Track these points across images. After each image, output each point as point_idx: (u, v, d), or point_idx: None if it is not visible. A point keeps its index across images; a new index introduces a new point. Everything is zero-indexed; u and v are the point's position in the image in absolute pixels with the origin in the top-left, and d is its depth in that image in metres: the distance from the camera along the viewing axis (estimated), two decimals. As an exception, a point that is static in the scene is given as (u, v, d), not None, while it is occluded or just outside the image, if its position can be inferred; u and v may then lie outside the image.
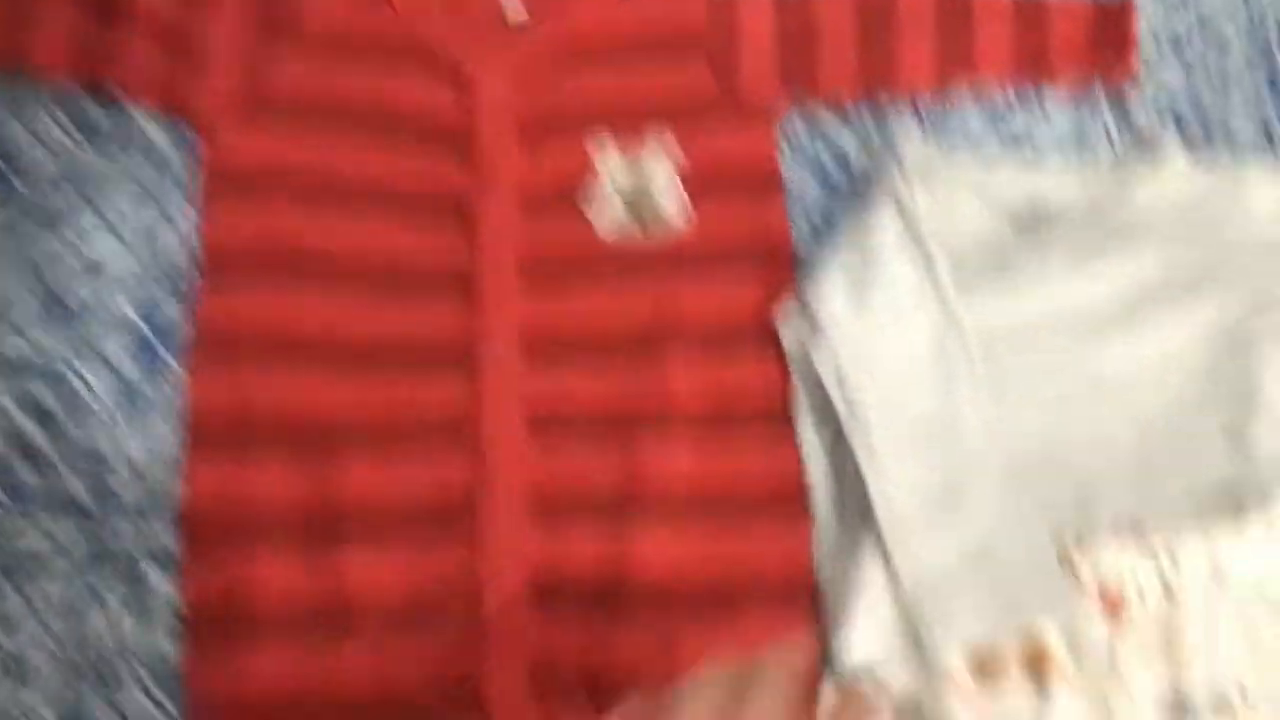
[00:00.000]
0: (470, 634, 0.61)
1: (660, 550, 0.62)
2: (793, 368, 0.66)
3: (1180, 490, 0.62)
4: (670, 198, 0.69)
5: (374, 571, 0.62)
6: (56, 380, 0.66)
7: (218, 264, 0.67)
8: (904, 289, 0.65)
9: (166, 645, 0.62)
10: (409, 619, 0.61)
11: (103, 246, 0.68)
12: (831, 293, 0.64)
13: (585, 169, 0.70)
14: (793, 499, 0.64)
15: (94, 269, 0.68)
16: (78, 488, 0.64)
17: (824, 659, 0.59)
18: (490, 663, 0.60)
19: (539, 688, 0.60)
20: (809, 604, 0.62)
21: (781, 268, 0.69)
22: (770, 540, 0.63)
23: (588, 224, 0.69)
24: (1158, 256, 0.68)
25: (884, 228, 0.66)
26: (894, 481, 0.60)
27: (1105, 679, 0.56)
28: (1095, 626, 0.57)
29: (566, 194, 0.69)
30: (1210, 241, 0.68)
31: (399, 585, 0.62)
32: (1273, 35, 0.76)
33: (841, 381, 0.63)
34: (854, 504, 0.63)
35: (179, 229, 0.68)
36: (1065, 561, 0.59)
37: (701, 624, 0.61)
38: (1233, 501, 0.61)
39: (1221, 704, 0.56)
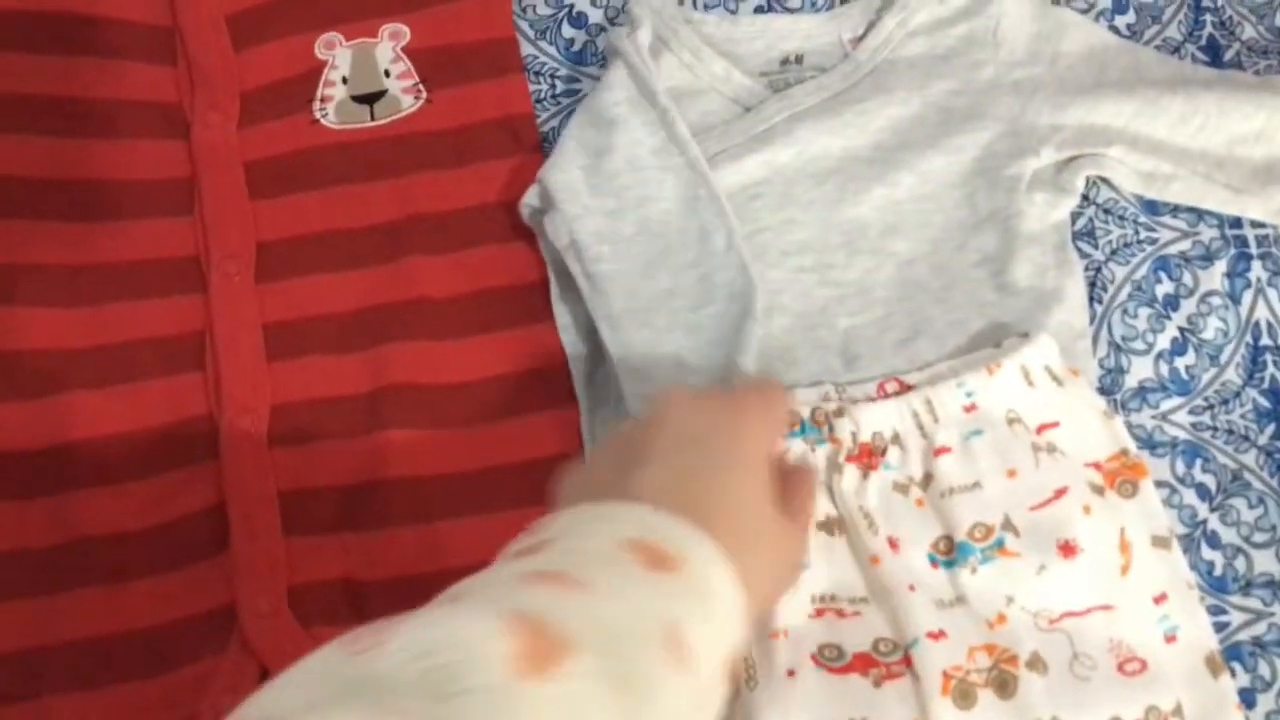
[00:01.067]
0: (222, 564, 0.57)
1: (415, 445, 0.59)
2: (542, 246, 0.63)
3: (947, 330, 0.61)
4: (396, 76, 0.65)
5: (111, 510, 0.58)
6: None
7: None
8: (645, 151, 0.62)
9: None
10: (153, 554, 0.57)
11: None
12: (565, 163, 0.61)
13: (311, 66, 0.65)
14: (554, 382, 0.61)
15: None
16: None
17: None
18: (245, 591, 0.57)
19: (300, 609, 0.57)
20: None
21: (525, 145, 0.65)
22: (533, 425, 0.60)
23: (316, 121, 0.64)
24: (913, 101, 0.66)
25: (615, 91, 0.63)
26: (639, 352, 0.58)
27: (865, 532, 0.55)
28: (850, 480, 0.55)
29: (291, 93, 0.65)
30: (967, 83, 0.66)
31: (140, 522, 0.58)
32: None
33: (580, 254, 0.60)
34: (614, 380, 0.60)
35: None
36: (825, 425, 0.57)
37: (466, 515, 0.58)
38: (994, 340, 0.60)
39: (992, 542, 0.55)
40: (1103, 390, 0.62)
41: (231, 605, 0.57)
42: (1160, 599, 0.56)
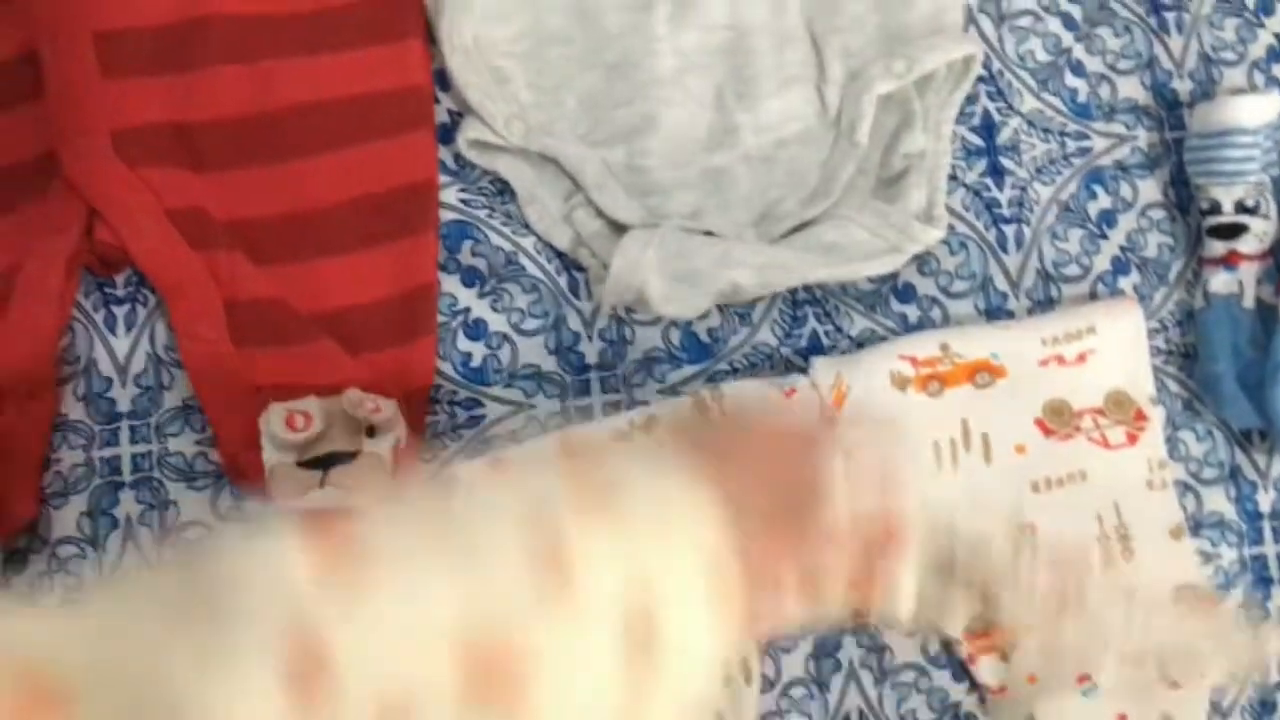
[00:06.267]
0: (38, 110, 0.54)
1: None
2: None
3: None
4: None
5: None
6: None
7: None
8: None
9: None
10: None
11: None
12: None
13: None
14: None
15: None
16: None
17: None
18: (65, 132, 0.54)
19: (126, 152, 0.54)
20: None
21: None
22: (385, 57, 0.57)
23: None
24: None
25: None
26: None
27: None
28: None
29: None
30: None
31: None
32: None
33: None
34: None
35: None
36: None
37: (293, 56, 0.56)
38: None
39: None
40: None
41: (52, 152, 0.54)
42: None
